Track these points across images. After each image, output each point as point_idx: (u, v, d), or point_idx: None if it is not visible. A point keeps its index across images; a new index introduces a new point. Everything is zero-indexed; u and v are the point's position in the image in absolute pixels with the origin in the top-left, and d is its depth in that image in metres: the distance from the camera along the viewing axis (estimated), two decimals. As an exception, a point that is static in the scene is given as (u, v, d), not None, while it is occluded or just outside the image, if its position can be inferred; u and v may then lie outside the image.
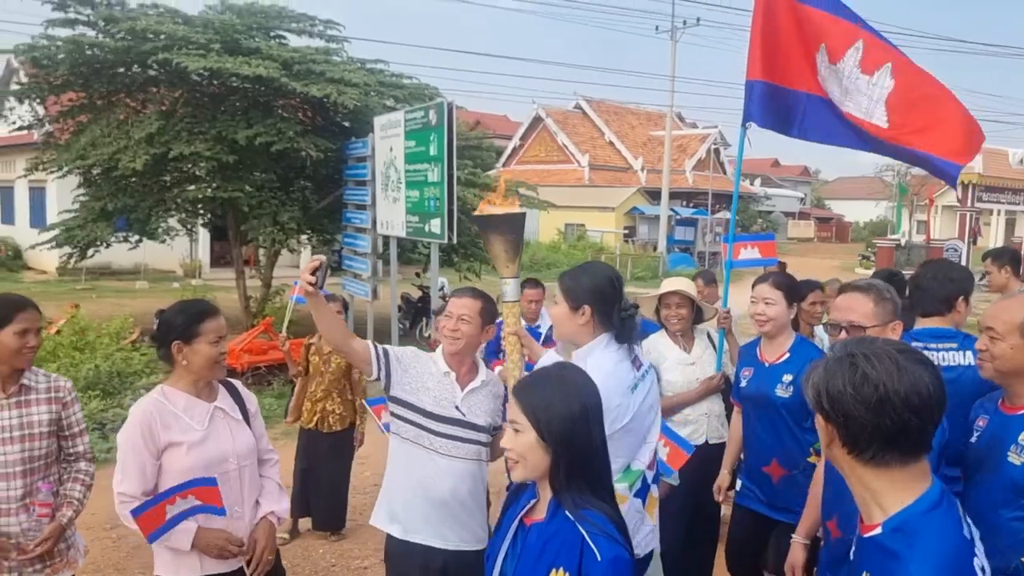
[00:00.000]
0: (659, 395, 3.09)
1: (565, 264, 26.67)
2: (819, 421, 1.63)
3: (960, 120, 4.17)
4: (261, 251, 13.79)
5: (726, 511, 4.13)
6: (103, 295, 17.92)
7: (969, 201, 27.20)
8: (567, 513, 1.82)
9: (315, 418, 5.36)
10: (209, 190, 10.96)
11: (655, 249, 30.52)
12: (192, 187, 11.80)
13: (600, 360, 2.61)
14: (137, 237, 13.39)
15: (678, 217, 33.11)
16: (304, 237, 13.93)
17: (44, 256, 18.11)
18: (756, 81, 4.11)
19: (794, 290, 3.64)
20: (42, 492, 2.86)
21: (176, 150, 10.39)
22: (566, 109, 42.18)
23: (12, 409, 2.82)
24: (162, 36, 10.60)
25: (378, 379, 2.98)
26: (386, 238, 10.93)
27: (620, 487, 2.56)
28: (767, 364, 3.53)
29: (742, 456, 3.70)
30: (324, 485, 5.37)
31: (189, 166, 11.51)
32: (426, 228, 9.17)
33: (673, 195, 31.41)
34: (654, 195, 34.01)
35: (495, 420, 3.02)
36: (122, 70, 11.58)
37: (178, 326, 2.76)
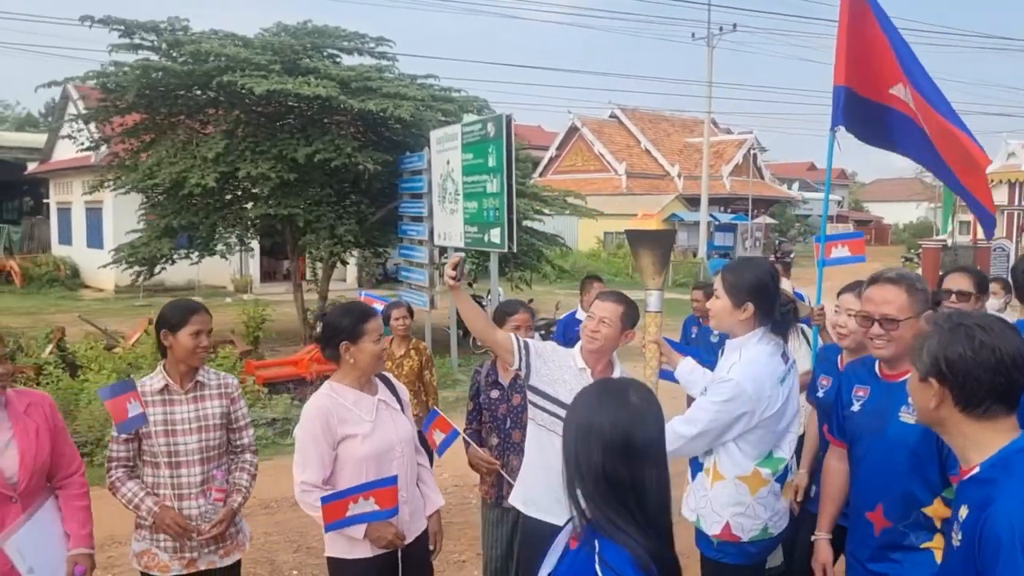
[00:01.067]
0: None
1: (607, 272, 26.83)
2: (927, 386, 1.86)
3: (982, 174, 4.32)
4: (311, 265, 14.18)
5: None
6: (161, 311, 18.35)
7: (1017, 200, 26.89)
8: (595, 543, 1.69)
9: None
10: (269, 207, 11.31)
11: (695, 255, 30.49)
12: (250, 204, 12.19)
13: (754, 353, 2.81)
14: (198, 254, 13.83)
15: (717, 223, 33.05)
16: (357, 251, 14.26)
17: (102, 275, 18.61)
18: (843, 87, 4.23)
19: None
20: (217, 478, 3.14)
21: (243, 170, 10.78)
22: (601, 118, 42.34)
23: (190, 403, 3.11)
24: (224, 59, 11.01)
25: (519, 368, 3.20)
26: (443, 249, 11.22)
27: (764, 472, 2.79)
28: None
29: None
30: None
31: (248, 184, 11.90)
32: (485, 238, 9.42)
33: (711, 201, 31.39)
34: (692, 201, 34.00)
35: None
36: (183, 92, 12.01)
37: (345, 327, 2.99)
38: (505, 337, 3.20)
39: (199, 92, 11.98)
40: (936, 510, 2.44)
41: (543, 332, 10.24)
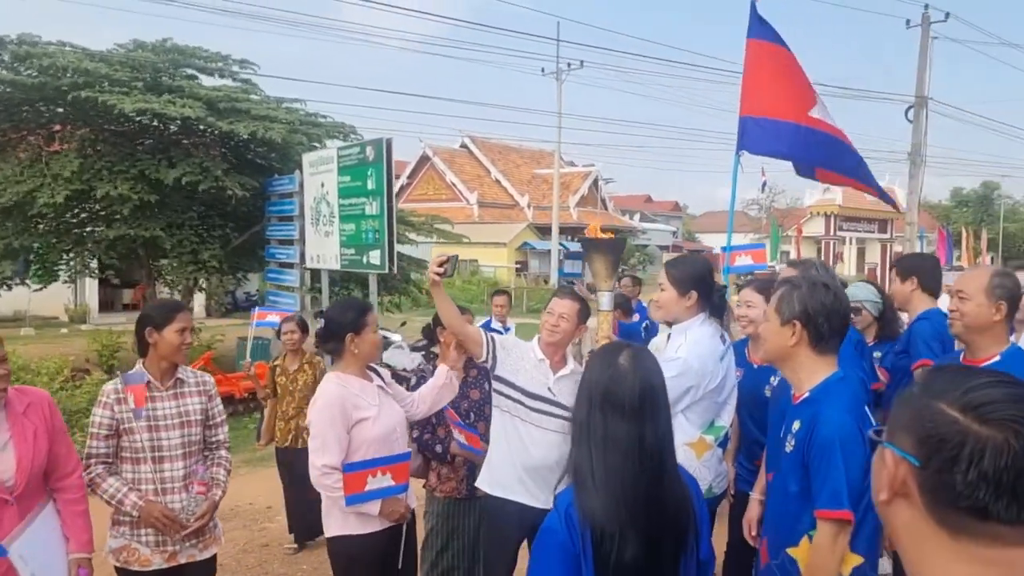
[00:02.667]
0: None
1: (461, 299, 27.16)
2: (790, 327, 2.48)
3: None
4: (163, 292, 13.58)
5: None
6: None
7: (831, 230, 29.80)
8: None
9: (290, 436, 5.55)
10: (130, 230, 10.84)
11: (547, 282, 31.44)
12: (102, 227, 11.61)
13: (698, 335, 3.21)
14: (38, 279, 12.94)
15: (567, 251, 34.21)
16: (217, 277, 13.83)
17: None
18: (748, 117, 4.82)
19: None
20: (199, 472, 3.20)
21: (101, 190, 10.30)
22: (452, 148, 42.98)
23: (171, 400, 3.16)
24: (81, 74, 10.50)
25: (486, 361, 3.45)
26: (314, 272, 11.14)
27: (708, 438, 3.16)
28: (756, 365, 3.82)
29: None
30: (303, 498, 5.52)
31: (100, 206, 11.34)
32: (364, 260, 9.47)
33: (560, 230, 32.53)
34: (542, 230, 35.09)
35: None
36: (28, 108, 11.34)
37: (350, 320, 3.27)
38: (475, 331, 3.46)
39: (45, 108, 11.36)
40: (801, 552, 2.43)
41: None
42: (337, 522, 3.27)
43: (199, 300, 22.69)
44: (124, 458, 3.11)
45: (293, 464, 5.55)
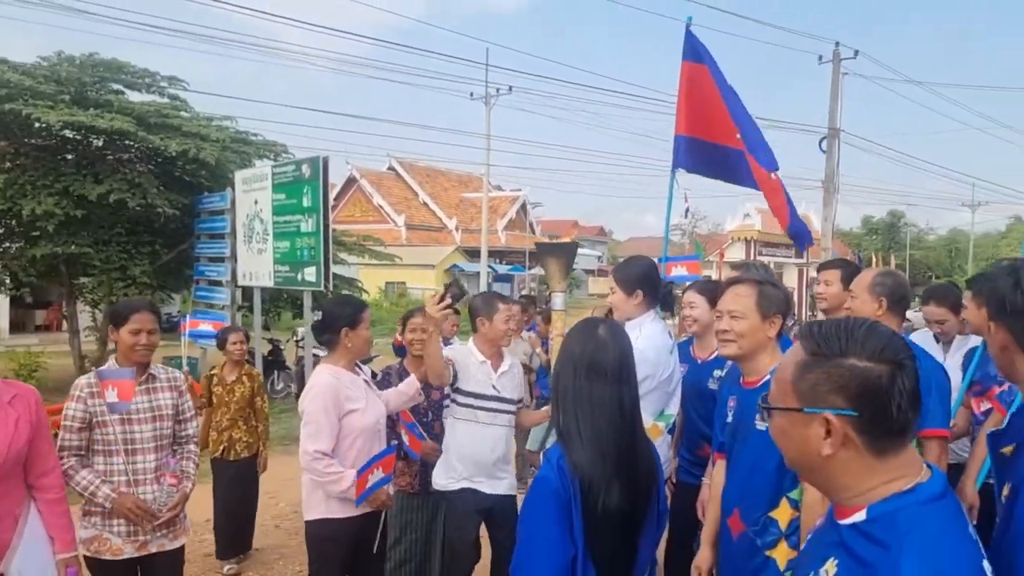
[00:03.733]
0: None
1: (389, 321, 27.02)
2: (770, 322, 2.67)
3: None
4: (86, 311, 13.20)
5: None
6: None
7: (751, 255, 30.77)
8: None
9: (221, 447, 5.47)
10: (56, 247, 10.56)
11: (475, 305, 31.53)
12: (20, 243, 11.27)
13: (650, 330, 3.40)
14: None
15: (495, 274, 34.52)
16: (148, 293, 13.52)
17: None
18: (683, 136, 5.10)
19: (715, 296, 4.37)
20: (171, 465, 3.26)
21: (27, 207, 10.03)
22: (379, 170, 42.89)
23: (143, 395, 3.23)
24: (2, 85, 10.23)
25: (452, 381, 3.76)
26: (245, 290, 11.05)
27: (660, 425, 3.38)
28: (700, 361, 3.98)
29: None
30: (231, 511, 5.49)
31: (14, 222, 11.02)
32: (299, 277, 9.46)
33: (489, 253, 32.80)
34: (471, 253, 35.29)
35: (521, 394, 3.96)
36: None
37: (347, 315, 3.43)
38: (448, 369, 3.72)
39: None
40: (781, 513, 2.54)
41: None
42: (319, 506, 3.39)
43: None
44: (96, 451, 3.16)
45: (223, 476, 5.50)
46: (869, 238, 61.28)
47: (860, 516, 1.32)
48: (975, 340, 4.02)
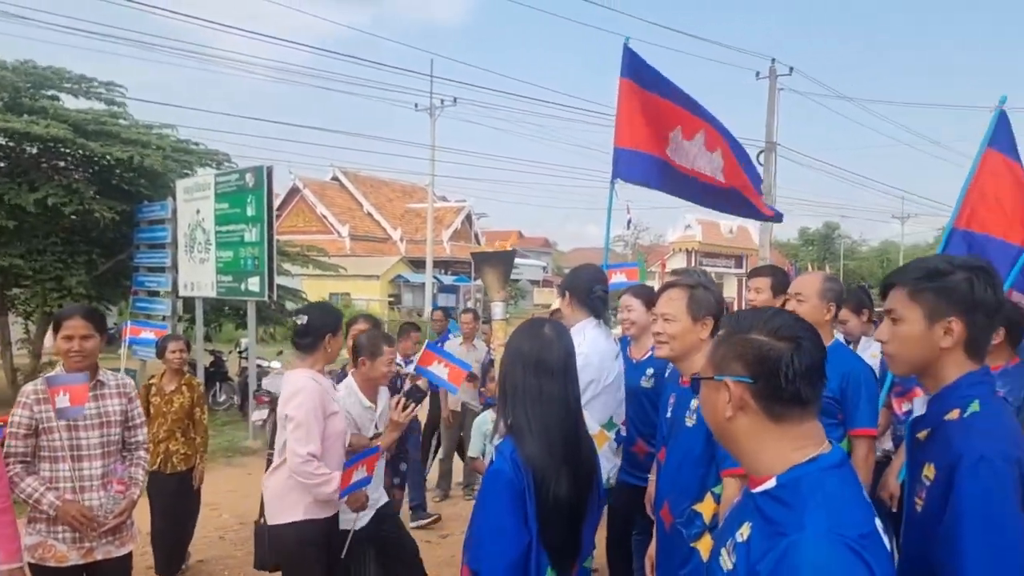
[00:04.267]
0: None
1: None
2: (701, 324, 2.82)
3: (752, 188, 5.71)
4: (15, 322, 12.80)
5: None
6: None
7: (692, 265, 31.39)
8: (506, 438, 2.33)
9: (159, 459, 5.28)
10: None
11: (420, 315, 31.46)
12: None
13: (593, 335, 3.50)
14: None
15: (441, 284, 34.45)
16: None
17: None
18: (622, 148, 5.32)
19: (651, 299, 4.53)
20: (118, 471, 3.22)
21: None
22: (323, 180, 42.51)
23: (92, 401, 3.20)
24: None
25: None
26: (187, 301, 10.87)
27: (606, 432, 3.45)
28: (634, 361, 4.18)
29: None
30: (169, 526, 5.34)
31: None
32: (242, 287, 9.37)
33: (434, 264, 32.75)
34: (416, 264, 35.18)
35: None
36: None
37: (331, 322, 3.58)
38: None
39: None
40: (706, 506, 2.69)
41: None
42: (296, 508, 3.42)
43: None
44: (42, 457, 3.14)
45: (161, 491, 5.30)
46: (805, 249, 62.89)
47: (770, 484, 1.48)
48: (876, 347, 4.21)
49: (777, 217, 6.38)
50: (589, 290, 3.63)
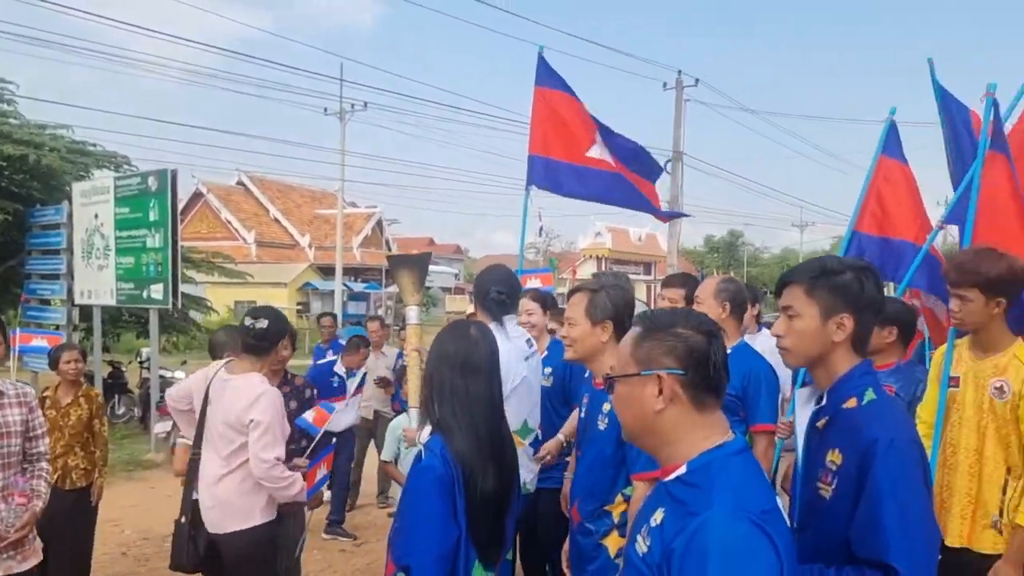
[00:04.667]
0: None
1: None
2: (600, 327, 2.94)
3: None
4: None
5: None
6: None
7: (602, 271, 32.03)
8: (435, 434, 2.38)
9: (56, 476, 4.94)
10: None
11: (330, 323, 30.92)
12: None
13: (500, 339, 3.41)
14: None
15: (351, 292, 33.96)
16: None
17: None
18: (536, 156, 5.36)
19: (548, 302, 4.68)
20: (19, 484, 3.06)
21: None
22: (228, 185, 41.38)
23: None
24: None
25: None
26: (84, 309, 10.40)
27: (519, 438, 3.42)
28: None
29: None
30: (68, 545, 4.97)
31: None
32: (144, 294, 9.03)
33: (344, 271, 32.27)
34: (325, 271, 34.60)
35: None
36: None
37: (286, 328, 3.69)
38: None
39: None
40: (616, 507, 2.79)
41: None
42: (254, 512, 3.47)
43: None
44: None
45: (58, 507, 4.95)
46: (711, 256, 64.78)
47: (681, 470, 1.59)
48: (762, 338, 4.37)
49: (674, 215, 6.58)
50: (486, 293, 3.64)
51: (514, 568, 2.95)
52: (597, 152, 5.65)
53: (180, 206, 35.53)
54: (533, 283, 5.30)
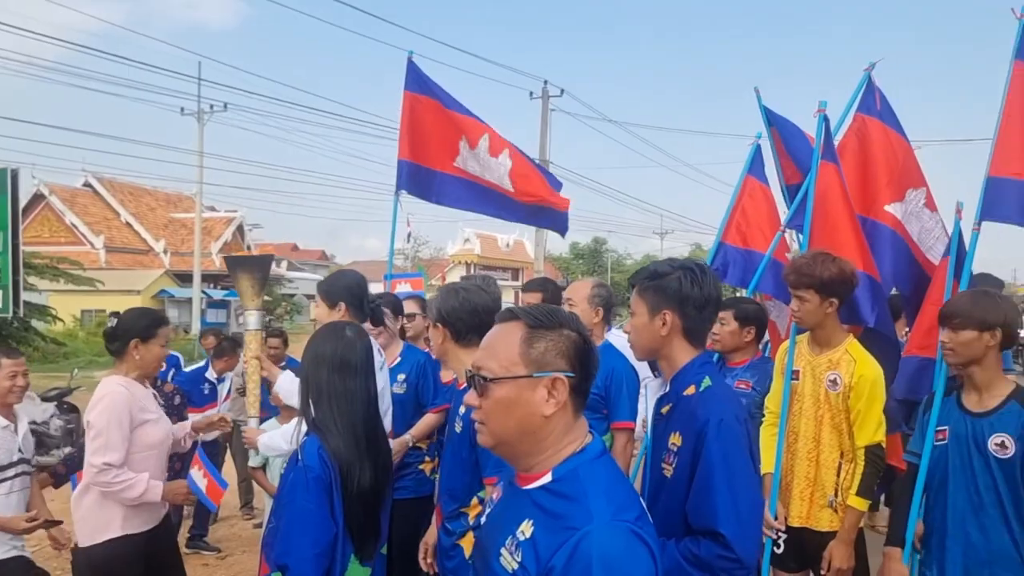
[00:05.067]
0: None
1: (86, 353, 24.40)
2: (436, 329, 2.97)
3: (548, 187, 5.87)
4: None
5: None
6: None
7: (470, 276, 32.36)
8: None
9: None
10: None
11: (187, 332, 29.56)
12: None
13: None
14: None
15: (210, 299, 32.55)
16: None
17: None
18: (405, 161, 5.41)
19: (397, 307, 4.55)
20: None
21: None
22: (74, 187, 38.78)
23: None
24: None
25: None
26: (-93, 320, 9.41)
27: None
28: (389, 367, 4.06)
29: None
30: None
31: None
32: (-20, 303, 8.24)
33: (203, 277, 30.89)
34: (182, 278, 33.00)
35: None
36: None
37: (141, 327, 3.34)
38: None
39: None
40: (472, 508, 2.84)
41: (57, 404, 9.30)
42: (113, 524, 3.24)
43: None
44: None
45: None
46: (576, 262, 66.17)
47: (547, 479, 1.54)
48: (613, 336, 4.55)
49: (561, 223, 6.52)
50: (363, 297, 3.58)
51: (390, 562, 2.91)
52: (461, 162, 5.64)
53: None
54: (403, 287, 5.22)
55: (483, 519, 1.75)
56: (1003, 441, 2.79)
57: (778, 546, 3.46)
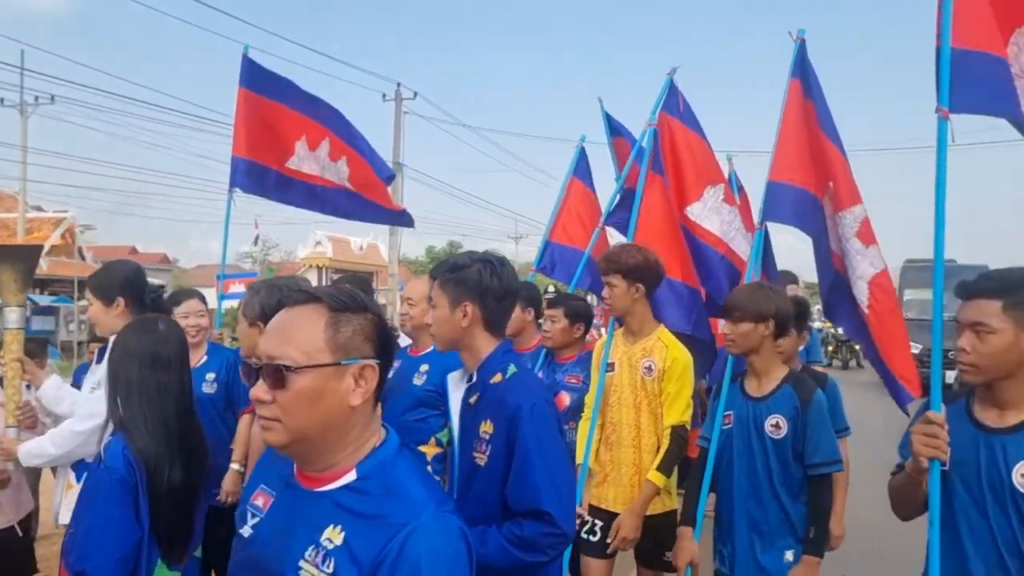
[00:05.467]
0: None
1: None
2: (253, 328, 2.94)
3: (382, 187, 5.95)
4: None
5: None
6: None
7: (323, 281, 31.25)
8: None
9: None
10: None
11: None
12: None
13: None
14: None
15: (36, 306, 30.18)
16: None
17: None
18: (239, 157, 5.27)
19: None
20: None
21: None
22: None
23: None
24: None
25: None
26: None
27: None
28: (194, 367, 4.15)
29: None
30: None
31: None
32: None
33: (28, 282, 28.66)
34: (3, 283, 30.46)
35: None
36: None
37: None
38: None
39: None
40: None
41: None
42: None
43: None
44: None
45: None
46: (431, 265, 66.17)
47: (350, 477, 1.42)
48: None
49: (406, 219, 6.58)
50: (142, 290, 3.37)
51: (206, 568, 2.79)
52: (296, 163, 5.55)
53: None
54: (237, 288, 5.05)
55: (246, 530, 1.54)
56: (777, 422, 3.02)
57: (593, 533, 3.56)
